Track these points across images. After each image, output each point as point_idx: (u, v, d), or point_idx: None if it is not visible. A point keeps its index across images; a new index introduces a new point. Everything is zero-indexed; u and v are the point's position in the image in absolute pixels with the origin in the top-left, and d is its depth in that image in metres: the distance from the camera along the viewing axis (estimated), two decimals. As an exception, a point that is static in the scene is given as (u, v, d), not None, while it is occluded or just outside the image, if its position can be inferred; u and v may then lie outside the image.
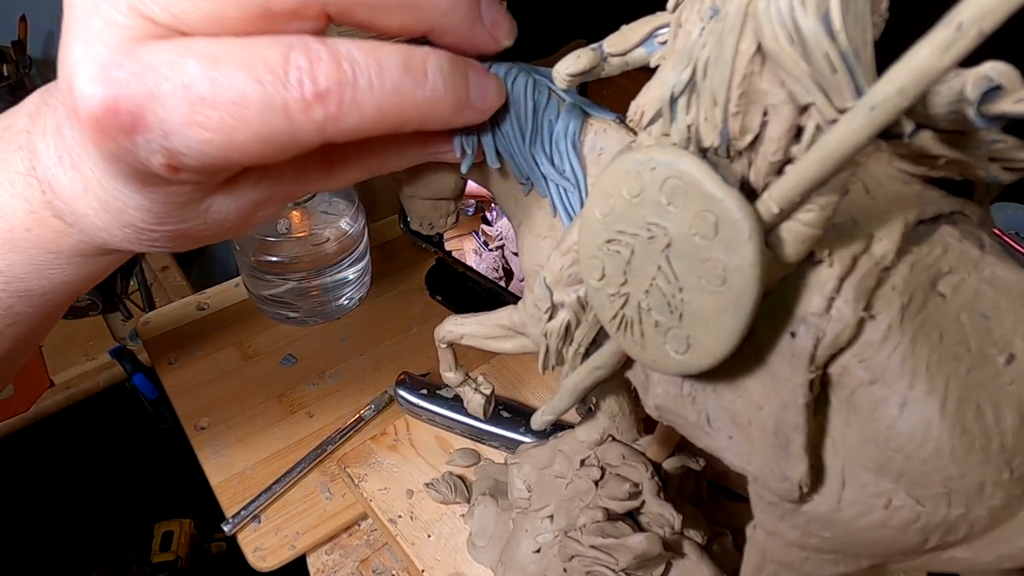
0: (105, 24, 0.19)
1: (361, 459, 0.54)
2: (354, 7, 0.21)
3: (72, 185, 0.24)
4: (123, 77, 0.19)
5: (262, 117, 0.20)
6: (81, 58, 0.19)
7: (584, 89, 0.28)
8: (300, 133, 0.20)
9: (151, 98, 0.19)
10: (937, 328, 0.19)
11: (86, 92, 0.19)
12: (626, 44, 0.24)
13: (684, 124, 0.20)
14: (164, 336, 0.69)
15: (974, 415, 0.18)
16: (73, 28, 0.20)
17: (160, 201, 0.23)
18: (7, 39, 0.97)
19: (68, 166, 0.24)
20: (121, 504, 1.08)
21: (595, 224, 0.22)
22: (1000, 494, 0.18)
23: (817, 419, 0.21)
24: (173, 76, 0.19)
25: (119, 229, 0.24)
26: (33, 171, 0.25)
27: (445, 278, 0.73)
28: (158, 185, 0.23)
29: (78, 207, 0.24)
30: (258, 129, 0.20)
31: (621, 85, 0.28)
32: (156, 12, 0.20)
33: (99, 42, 0.19)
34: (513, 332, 0.34)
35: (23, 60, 0.96)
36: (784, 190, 0.18)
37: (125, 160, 0.21)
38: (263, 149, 0.21)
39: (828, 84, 0.16)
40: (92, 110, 0.19)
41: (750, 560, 0.25)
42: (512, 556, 0.42)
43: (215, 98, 0.19)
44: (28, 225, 0.26)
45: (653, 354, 0.22)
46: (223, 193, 0.24)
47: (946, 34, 0.14)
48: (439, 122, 0.24)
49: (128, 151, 0.20)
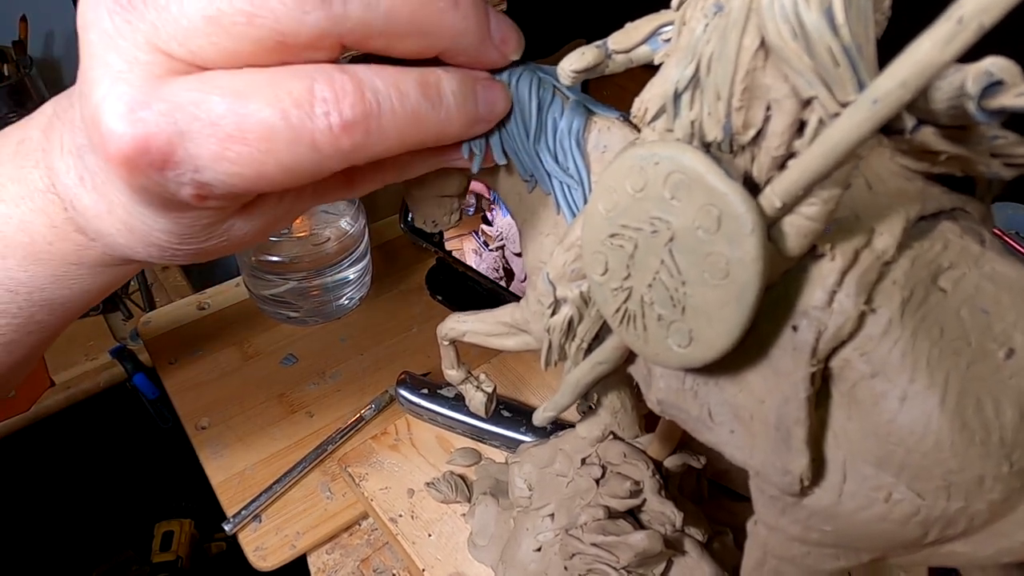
0: (126, 62, 0.20)
1: (362, 458, 0.54)
2: (369, 37, 0.21)
3: (95, 206, 0.24)
4: (151, 117, 0.20)
5: (290, 149, 0.20)
6: (107, 96, 0.20)
7: (585, 88, 0.29)
8: (326, 162, 0.21)
9: (180, 135, 0.20)
10: (938, 323, 0.19)
11: (116, 132, 0.20)
12: (630, 41, 0.24)
13: (688, 119, 0.20)
14: (164, 336, 0.69)
15: (974, 409, 0.18)
16: (93, 65, 0.20)
17: (185, 224, 0.24)
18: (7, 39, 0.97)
19: (90, 188, 0.24)
20: (121, 504, 1.08)
21: (598, 219, 0.23)
22: (1000, 488, 0.19)
23: (818, 412, 0.21)
24: (201, 114, 0.20)
25: (143, 247, 0.25)
26: (53, 188, 0.25)
27: (445, 278, 0.73)
28: (184, 211, 0.23)
29: (101, 227, 0.25)
30: (286, 161, 0.20)
31: (622, 85, 0.28)
32: (174, 48, 0.20)
33: (122, 81, 0.20)
34: (516, 329, 0.34)
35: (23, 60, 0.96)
36: (787, 184, 0.18)
37: (153, 191, 0.22)
38: (290, 178, 0.21)
39: (831, 78, 0.16)
40: (122, 149, 0.20)
41: (751, 555, 0.26)
42: (513, 555, 0.42)
43: (243, 134, 0.20)
44: (50, 239, 0.26)
45: (656, 348, 0.22)
46: (245, 213, 0.25)
47: (947, 28, 0.14)
48: (452, 138, 0.25)
49: (158, 184, 0.21)
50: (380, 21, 0.21)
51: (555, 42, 0.40)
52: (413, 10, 0.21)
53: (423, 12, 0.22)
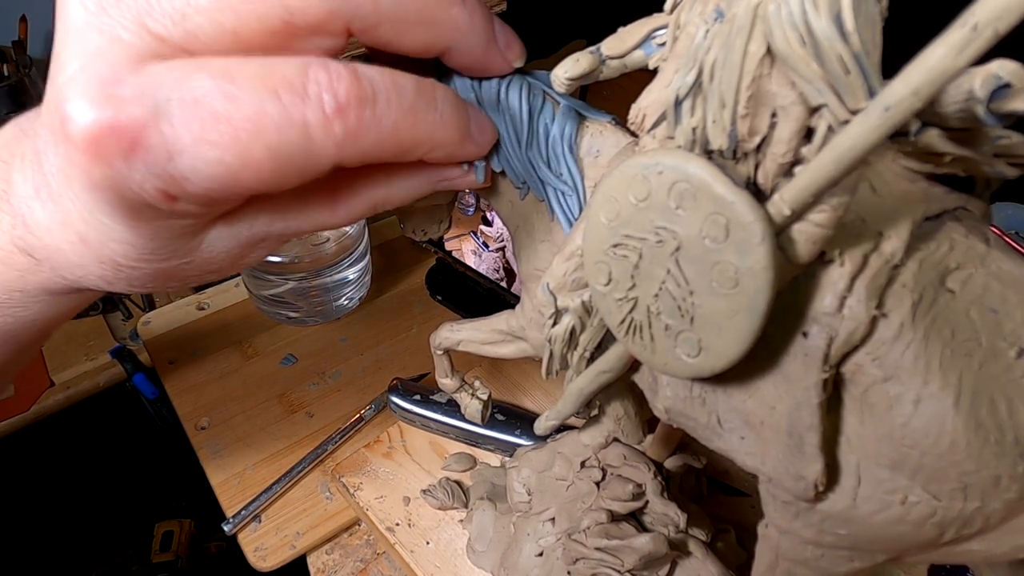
0: (108, 40, 0.18)
1: (356, 468, 0.54)
2: (379, 24, 0.21)
3: (49, 218, 0.22)
4: (124, 93, 0.17)
5: (280, 133, 0.18)
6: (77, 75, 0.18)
7: (584, 90, 0.28)
8: (317, 151, 0.19)
9: (156, 115, 0.18)
10: (948, 324, 0.19)
11: (80, 109, 0.17)
12: (624, 47, 0.24)
13: (689, 127, 0.20)
14: (164, 336, 0.69)
15: (988, 409, 0.18)
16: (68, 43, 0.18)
17: (147, 236, 0.22)
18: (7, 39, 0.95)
19: (46, 197, 0.22)
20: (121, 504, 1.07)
21: (600, 228, 0.22)
22: (1015, 487, 0.19)
23: (830, 417, 0.21)
24: (183, 91, 0.18)
25: (96, 265, 0.23)
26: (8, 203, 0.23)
27: (445, 278, 0.73)
28: (149, 219, 0.21)
29: (52, 241, 0.23)
30: (274, 146, 0.19)
31: (622, 85, 0.28)
32: (167, 27, 0.18)
33: (99, 58, 0.18)
34: (511, 337, 0.34)
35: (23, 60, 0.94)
36: (796, 191, 0.18)
37: (115, 189, 0.19)
38: (276, 170, 0.19)
39: (841, 85, 0.16)
40: (86, 129, 0.17)
41: (762, 558, 0.25)
42: (514, 560, 0.42)
43: (229, 113, 0.18)
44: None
45: (664, 358, 0.22)
46: (217, 228, 0.23)
47: (961, 35, 0.14)
48: (444, 149, 0.24)
49: (122, 177, 0.18)
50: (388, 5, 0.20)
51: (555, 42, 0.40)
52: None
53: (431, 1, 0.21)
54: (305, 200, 0.24)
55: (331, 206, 0.24)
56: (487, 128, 0.26)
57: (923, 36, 0.15)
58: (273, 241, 0.25)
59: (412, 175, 0.25)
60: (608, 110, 0.28)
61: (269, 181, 0.19)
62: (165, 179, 0.18)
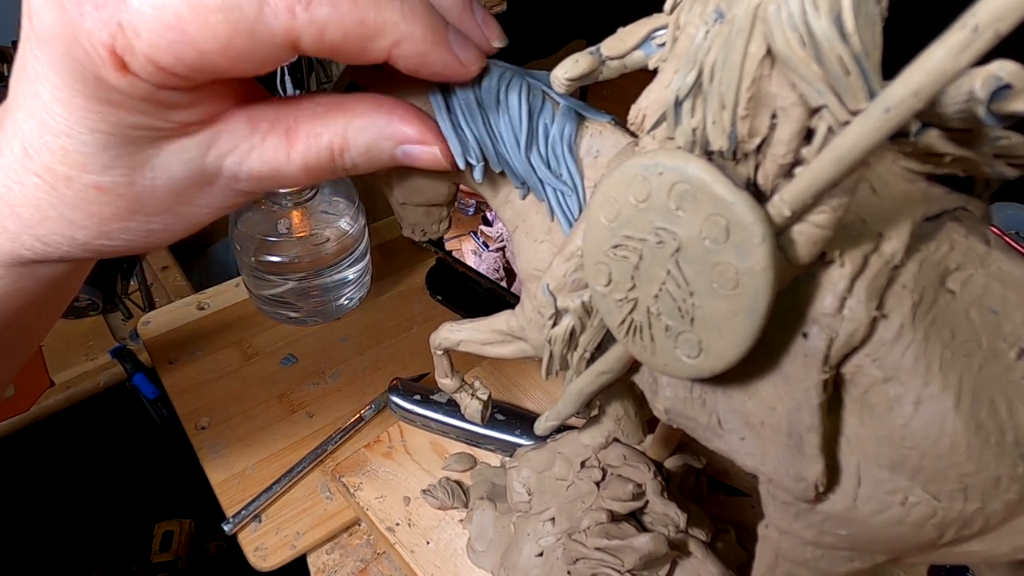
0: None
1: (356, 468, 0.54)
2: None
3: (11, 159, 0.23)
4: None
5: None
6: None
7: (584, 90, 0.28)
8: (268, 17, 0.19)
9: None
10: (948, 325, 0.19)
11: None
12: (624, 47, 0.24)
13: (689, 127, 0.20)
14: (164, 336, 0.69)
15: (988, 410, 0.18)
16: None
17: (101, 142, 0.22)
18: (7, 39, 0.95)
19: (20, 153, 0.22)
20: (121, 504, 1.08)
21: (600, 229, 0.22)
22: (1016, 488, 0.19)
23: (830, 418, 0.21)
24: None
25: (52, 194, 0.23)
26: None
27: (445, 278, 0.73)
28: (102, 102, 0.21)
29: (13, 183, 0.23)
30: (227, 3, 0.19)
31: (622, 86, 0.28)
32: None
33: None
34: (511, 337, 0.34)
35: None
36: (796, 192, 0.18)
37: (66, 43, 0.20)
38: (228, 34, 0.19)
39: (841, 86, 0.16)
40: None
41: (762, 559, 0.25)
42: (514, 560, 0.42)
43: None
44: None
45: (664, 359, 0.22)
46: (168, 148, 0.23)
47: (962, 36, 0.14)
48: (414, 44, 0.22)
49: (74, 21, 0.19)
50: None
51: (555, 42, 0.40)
52: None
53: None
54: (257, 128, 0.24)
55: (287, 144, 0.24)
56: (470, 48, 0.25)
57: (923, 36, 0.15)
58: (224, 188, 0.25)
59: (372, 118, 0.25)
60: (608, 110, 0.28)
61: (220, 48, 0.19)
62: (114, 30, 0.19)
